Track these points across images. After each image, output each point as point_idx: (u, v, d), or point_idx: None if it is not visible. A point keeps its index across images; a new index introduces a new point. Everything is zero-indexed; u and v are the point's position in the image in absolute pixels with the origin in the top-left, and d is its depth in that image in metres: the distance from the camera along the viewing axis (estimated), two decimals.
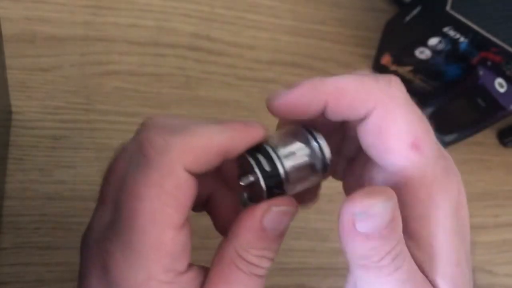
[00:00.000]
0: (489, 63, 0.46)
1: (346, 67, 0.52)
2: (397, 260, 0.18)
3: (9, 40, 0.39)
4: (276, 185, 0.20)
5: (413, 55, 0.49)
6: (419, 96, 0.54)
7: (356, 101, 0.19)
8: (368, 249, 0.18)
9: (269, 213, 0.20)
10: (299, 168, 0.20)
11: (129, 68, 0.42)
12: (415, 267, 0.19)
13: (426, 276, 0.19)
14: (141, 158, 0.19)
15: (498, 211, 0.53)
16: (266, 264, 0.21)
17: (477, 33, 0.43)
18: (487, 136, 0.56)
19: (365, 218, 0.17)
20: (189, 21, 0.47)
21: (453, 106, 0.48)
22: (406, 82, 0.53)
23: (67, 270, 0.34)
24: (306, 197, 0.24)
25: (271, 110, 0.21)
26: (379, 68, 0.53)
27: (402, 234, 0.18)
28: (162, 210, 0.18)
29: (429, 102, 0.50)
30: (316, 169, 0.20)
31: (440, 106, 0.49)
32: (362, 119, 0.20)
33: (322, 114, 0.20)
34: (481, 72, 0.45)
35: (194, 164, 0.18)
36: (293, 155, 0.20)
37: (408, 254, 0.19)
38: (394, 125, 0.19)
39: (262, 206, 0.20)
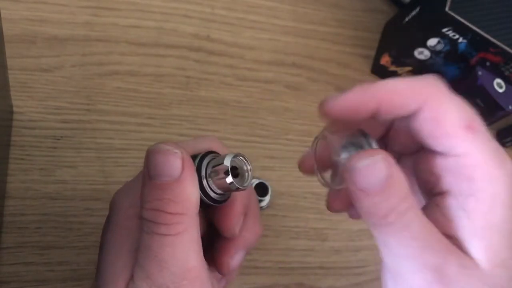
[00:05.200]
0: (488, 63, 0.46)
1: (346, 68, 0.52)
2: (405, 218, 0.19)
3: (10, 40, 0.39)
4: None
5: (412, 56, 0.49)
6: None
7: (407, 97, 0.21)
8: (370, 205, 0.19)
9: (148, 159, 0.21)
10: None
11: (130, 68, 0.42)
12: (431, 226, 0.20)
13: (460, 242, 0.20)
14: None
15: None
16: (164, 219, 0.20)
17: (476, 33, 0.44)
18: None
19: (360, 173, 0.19)
20: (189, 22, 0.47)
21: None
22: None
23: (67, 269, 0.34)
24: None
25: (326, 112, 0.22)
26: (378, 69, 0.53)
27: (410, 195, 0.19)
28: None
29: None
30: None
31: None
32: (413, 114, 0.21)
33: (372, 116, 0.22)
34: (480, 73, 0.45)
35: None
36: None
37: (420, 213, 0.20)
38: (448, 112, 0.21)
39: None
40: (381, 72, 0.53)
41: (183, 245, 0.21)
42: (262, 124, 0.45)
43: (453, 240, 0.20)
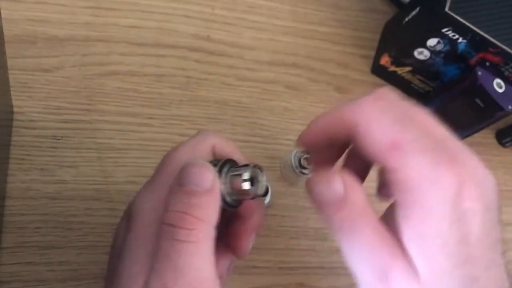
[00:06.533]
0: (487, 63, 0.46)
1: (346, 68, 0.52)
2: (357, 226, 0.22)
3: (10, 41, 0.39)
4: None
5: (412, 56, 0.49)
6: (418, 97, 0.54)
7: (338, 127, 0.24)
8: (327, 216, 0.22)
9: (181, 169, 0.22)
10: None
11: (130, 68, 0.42)
12: (384, 233, 0.21)
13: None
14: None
15: None
16: (184, 223, 0.21)
17: (475, 33, 0.44)
18: (486, 136, 0.56)
19: (318, 192, 0.22)
20: (189, 22, 0.47)
21: (452, 106, 0.48)
22: (405, 83, 0.53)
23: (68, 269, 0.34)
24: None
25: (301, 144, 0.27)
26: (378, 69, 0.53)
27: (364, 205, 0.22)
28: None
29: (427, 102, 0.50)
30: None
31: (439, 107, 0.50)
32: (354, 137, 0.23)
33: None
34: (479, 73, 0.45)
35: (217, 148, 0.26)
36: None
37: (373, 221, 0.22)
38: (374, 135, 0.22)
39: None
40: (381, 72, 0.53)
41: (200, 254, 0.21)
42: (262, 124, 0.45)
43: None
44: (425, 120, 0.23)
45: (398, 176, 0.21)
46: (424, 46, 0.47)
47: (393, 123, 0.22)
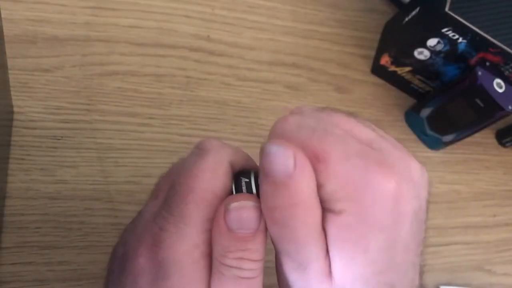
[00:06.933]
0: (487, 63, 0.46)
1: (346, 68, 0.52)
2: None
3: (10, 41, 0.39)
4: None
5: (412, 56, 0.49)
6: (418, 97, 0.54)
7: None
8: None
9: (228, 212, 0.21)
10: None
11: (130, 68, 0.42)
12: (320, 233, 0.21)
13: None
14: (198, 151, 0.23)
15: (497, 211, 0.53)
16: (248, 265, 0.21)
17: (475, 33, 0.44)
18: (486, 136, 0.56)
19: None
20: (189, 22, 0.47)
21: (452, 106, 0.48)
22: (405, 83, 0.53)
23: (68, 269, 0.34)
24: None
25: None
26: (378, 69, 0.53)
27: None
28: (213, 192, 0.22)
29: (428, 102, 0.50)
30: None
31: (439, 107, 0.50)
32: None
33: None
34: (479, 73, 0.45)
35: (234, 164, 0.24)
36: None
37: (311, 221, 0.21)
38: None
39: (220, 207, 0.21)
40: (381, 72, 0.53)
41: (258, 286, 0.22)
42: (262, 124, 0.45)
43: None
44: (347, 125, 0.22)
45: (327, 190, 0.20)
46: (424, 46, 0.47)
47: (310, 137, 0.21)
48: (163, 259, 0.21)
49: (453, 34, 0.44)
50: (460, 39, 0.45)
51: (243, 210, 0.21)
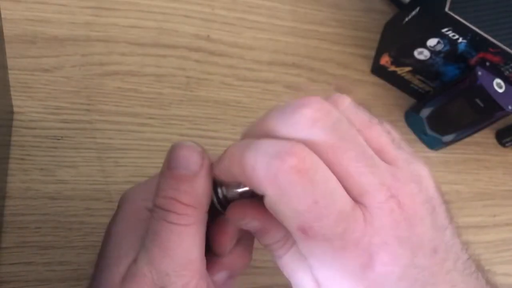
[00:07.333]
0: (487, 63, 0.46)
1: (346, 68, 0.52)
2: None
3: (10, 40, 0.39)
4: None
5: (412, 56, 0.49)
6: (418, 97, 0.54)
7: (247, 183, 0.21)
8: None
9: (170, 151, 0.22)
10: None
11: (130, 68, 0.42)
12: None
13: None
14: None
15: (497, 211, 0.53)
16: (178, 208, 0.21)
17: (475, 33, 0.44)
18: (486, 136, 0.56)
19: None
20: (189, 22, 0.47)
21: (452, 106, 0.48)
22: (405, 83, 0.53)
23: (68, 269, 0.34)
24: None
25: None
26: (378, 69, 0.53)
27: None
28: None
29: (428, 102, 0.50)
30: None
31: (439, 107, 0.50)
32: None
33: None
34: (479, 73, 0.45)
35: None
36: None
37: None
38: (281, 212, 0.20)
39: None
40: (381, 72, 0.53)
41: (189, 237, 0.21)
42: None
43: None
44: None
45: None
46: (424, 46, 0.47)
47: (299, 207, 0.20)
48: (121, 199, 0.24)
49: (453, 34, 0.44)
50: (460, 39, 0.45)
51: (183, 149, 0.22)
